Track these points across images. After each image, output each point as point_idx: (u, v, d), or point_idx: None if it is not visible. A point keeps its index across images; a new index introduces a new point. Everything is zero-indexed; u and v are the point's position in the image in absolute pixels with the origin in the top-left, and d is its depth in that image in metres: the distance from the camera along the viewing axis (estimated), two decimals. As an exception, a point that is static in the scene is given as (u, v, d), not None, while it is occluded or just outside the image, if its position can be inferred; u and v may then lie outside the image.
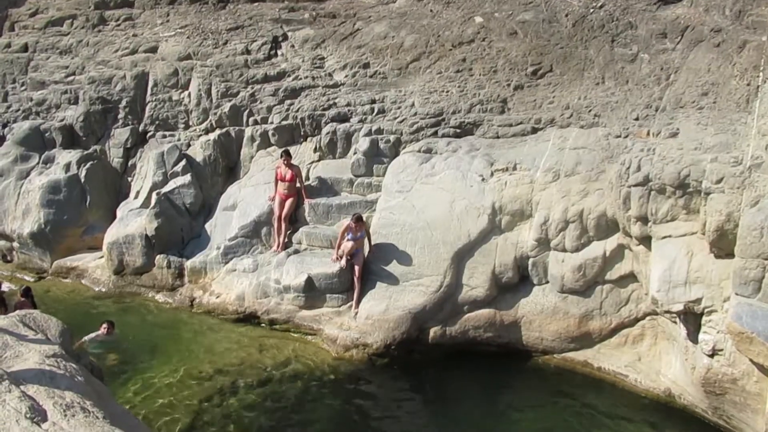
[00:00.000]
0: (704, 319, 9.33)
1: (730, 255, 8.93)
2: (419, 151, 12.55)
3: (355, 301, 11.56)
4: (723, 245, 9.17)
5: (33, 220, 14.38)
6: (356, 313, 11.46)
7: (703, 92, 11.09)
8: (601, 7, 13.50)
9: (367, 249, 11.84)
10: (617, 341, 10.84)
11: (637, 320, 10.68)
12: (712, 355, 9.10)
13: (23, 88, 16.22)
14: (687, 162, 9.73)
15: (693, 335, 9.49)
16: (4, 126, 15.87)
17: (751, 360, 8.57)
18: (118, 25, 16.39)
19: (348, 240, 11.64)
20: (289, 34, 15.09)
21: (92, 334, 11.12)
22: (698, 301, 9.34)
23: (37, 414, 5.07)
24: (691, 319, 9.49)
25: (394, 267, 11.62)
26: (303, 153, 13.79)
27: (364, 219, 11.86)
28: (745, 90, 10.62)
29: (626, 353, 10.75)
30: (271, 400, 10.00)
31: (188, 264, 13.31)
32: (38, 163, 15.03)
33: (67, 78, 15.81)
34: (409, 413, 10.13)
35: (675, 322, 9.86)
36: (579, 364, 11.02)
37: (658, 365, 10.41)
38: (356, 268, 11.59)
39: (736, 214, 8.91)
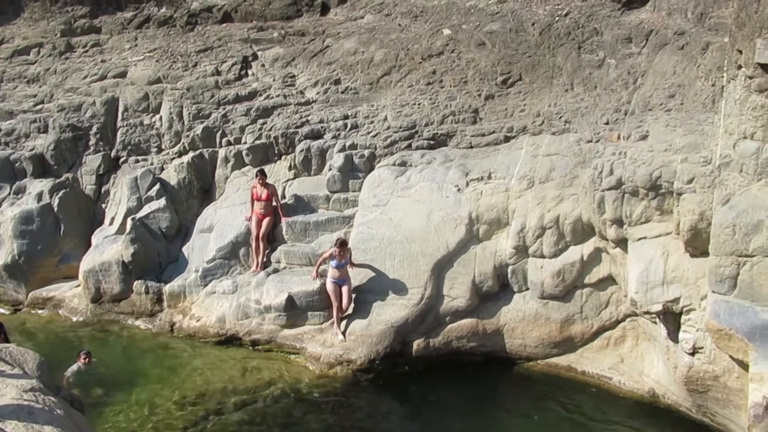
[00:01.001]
0: (683, 318, 9.44)
1: (705, 253, 9.05)
2: (394, 164, 12.58)
3: (338, 323, 11.46)
4: (697, 244, 9.29)
5: (6, 252, 14.14)
6: (342, 332, 11.37)
7: (670, 94, 11.27)
8: (566, 14, 13.69)
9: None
10: (599, 344, 10.91)
11: (617, 322, 10.77)
12: (692, 354, 9.20)
13: (-9, 118, 16.01)
14: (658, 164, 9.87)
15: (673, 334, 9.58)
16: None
17: (731, 356, 8.68)
18: (86, 51, 16.27)
19: (333, 268, 11.39)
20: (259, 53, 15.10)
21: (73, 367, 10.95)
22: (676, 300, 9.44)
23: (17, 450, 4.98)
24: (671, 318, 9.59)
25: (374, 281, 11.60)
26: (278, 171, 13.75)
27: (346, 240, 11.72)
28: (711, 91, 10.82)
29: (609, 356, 10.82)
30: (256, 423, 9.91)
31: (167, 288, 13.16)
32: (9, 194, 14.78)
33: (36, 107, 15.61)
34: (396, 427, 10.09)
35: (655, 323, 9.95)
36: (563, 369, 11.06)
37: (641, 366, 10.49)
38: (344, 294, 11.40)
39: (709, 212, 9.04)
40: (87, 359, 11.07)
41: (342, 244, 11.40)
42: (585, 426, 9.84)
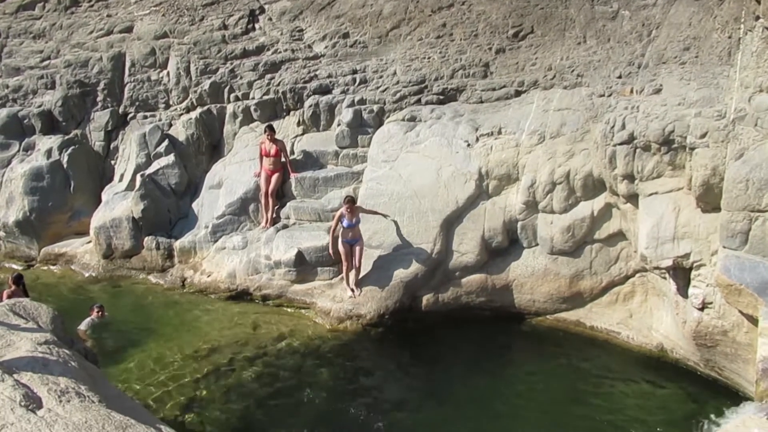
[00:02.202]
0: (693, 273, 9.42)
1: (717, 209, 8.99)
2: (403, 119, 12.47)
3: (355, 282, 11.40)
4: (709, 199, 9.21)
5: (17, 209, 14.25)
6: (360, 293, 11.30)
7: (685, 47, 11.04)
8: (579, -35, 13.33)
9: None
10: (608, 299, 10.94)
11: (627, 278, 10.77)
12: (702, 309, 9.20)
13: (-2, 74, 15.94)
14: (671, 118, 9.72)
15: (683, 290, 9.57)
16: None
17: (740, 311, 8.68)
18: (91, 5, 16.04)
19: (345, 228, 11.22)
20: (266, 6, 14.84)
21: (86, 321, 11.12)
22: (687, 255, 9.41)
23: (32, 401, 5.07)
24: (681, 273, 9.56)
25: (383, 237, 11.61)
26: (286, 127, 13.69)
27: (354, 197, 11.57)
28: (727, 43, 10.57)
29: (618, 311, 10.86)
30: (267, 376, 10.04)
31: (177, 244, 13.26)
32: (19, 151, 14.84)
33: (43, 63, 15.53)
34: (405, 381, 10.21)
35: (664, 278, 9.94)
36: (571, 324, 11.12)
37: (650, 321, 10.52)
38: (357, 251, 11.29)
39: (722, 167, 8.94)
40: (100, 313, 11.24)
41: (351, 201, 11.25)
42: (593, 380, 9.91)
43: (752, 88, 8.56)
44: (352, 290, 11.37)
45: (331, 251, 11.52)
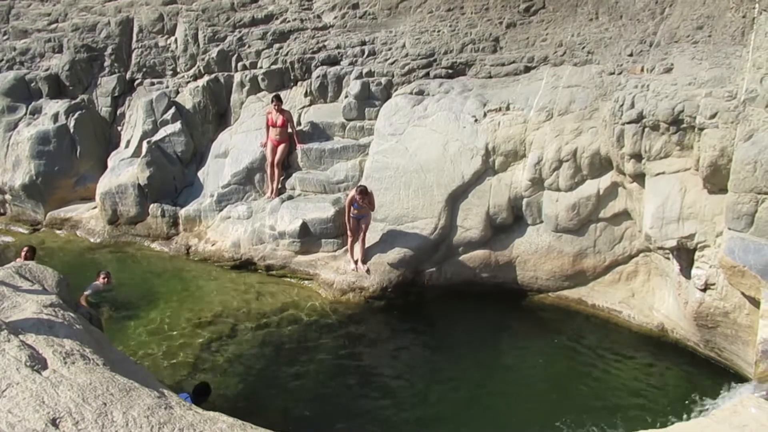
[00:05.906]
0: (697, 254, 9.40)
1: (724, 190, 8.94)
2: (411, 93, 12.41)
3: (362, 257, 11.39)
4: (716, 180, 9.17)
5: (24, 172, 14.29)
6: (368, 270, 11.31)
7: (698, 26, 10.91)
8: (594, -61, 13.13)
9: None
10: (611, 278, 10.95)
11: (630, 257, 10.78)
12: (704, 290, 9.20)
13: (5, 37, 15.87)
14: (681, 97, 9.64)
15: (686, 270, 9.57)
16: (-11, 76, 15.61)
17: (742, 293, 8.68)
18: (100, -31, 15.95)
19: (354, 209, 11.16)
20: (276, -25, 14.71)
21: (92, 285, 11.18)
22: (691, 236, 9.39)
23: (37, 362, 5.12)
24: (684, 254, 9.56)
25: (388, 210, 11.62)
26: (294, 98, 13.63)
27: (369, 190, 11.22)
28: (741, 22, 10.44)
29: (620, 290, 10.88)
30: (269, 345, 10.13)
31: (182, 212, 13.30)
32: (25, 114, 14.84)
33: (50, 26, 15.46)
34: (406, 353, 10.28)
35: (668, 258, 9.94)
36: (573, 302, 11.15)
37: (651, 301, 10.55)
38: (363, 227, 11.30)
39: (730, 148, 8.87)
40: (106, 280, 11.29)
41: (362, 191, 10.97)
42: (593, 357, 9.97)
43: (764, 69, 8.45)
44: (355, 263, 11.41)
45: (350, 230, 11.42)
